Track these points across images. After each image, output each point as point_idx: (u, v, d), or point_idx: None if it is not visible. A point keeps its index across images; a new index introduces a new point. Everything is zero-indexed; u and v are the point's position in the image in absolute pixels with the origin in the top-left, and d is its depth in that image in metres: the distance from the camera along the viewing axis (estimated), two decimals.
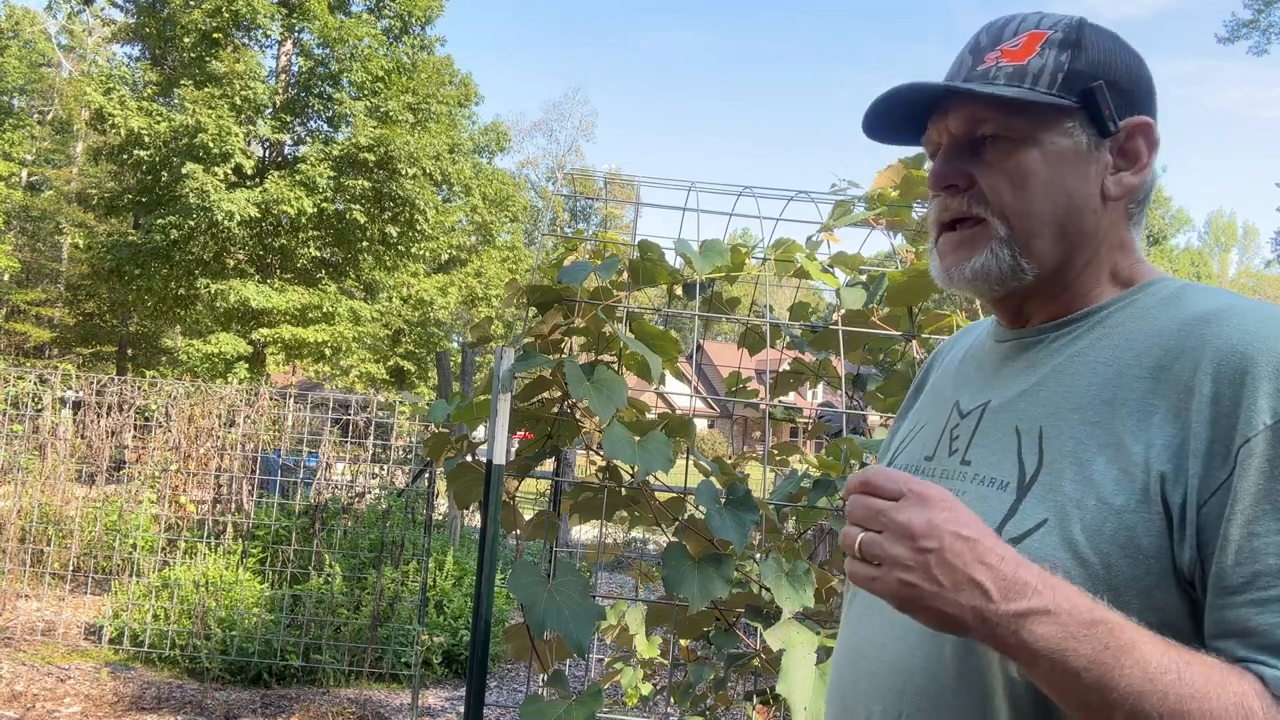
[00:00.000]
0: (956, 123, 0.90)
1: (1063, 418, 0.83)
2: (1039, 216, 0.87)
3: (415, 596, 5.53)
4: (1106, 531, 0.76)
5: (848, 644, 0.97)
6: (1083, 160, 0.88)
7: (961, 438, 0.93)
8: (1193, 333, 0.79)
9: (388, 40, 17.74)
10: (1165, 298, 0.87)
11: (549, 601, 1.99)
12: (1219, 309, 0.80)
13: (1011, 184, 0.87)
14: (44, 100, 28.71)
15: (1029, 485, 0.82)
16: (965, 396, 0.97)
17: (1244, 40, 21.58)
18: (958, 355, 1.08)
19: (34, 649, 5.43)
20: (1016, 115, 0.87)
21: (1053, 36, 0.88)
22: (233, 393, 6.95)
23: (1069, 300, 0.91)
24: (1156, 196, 28.58)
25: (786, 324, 2.79)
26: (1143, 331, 0.84)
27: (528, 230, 31.32)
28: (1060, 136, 0.87)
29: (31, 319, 25.40)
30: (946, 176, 0.90)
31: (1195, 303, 0.84)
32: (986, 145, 0.89)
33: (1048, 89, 0.86)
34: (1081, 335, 0.89)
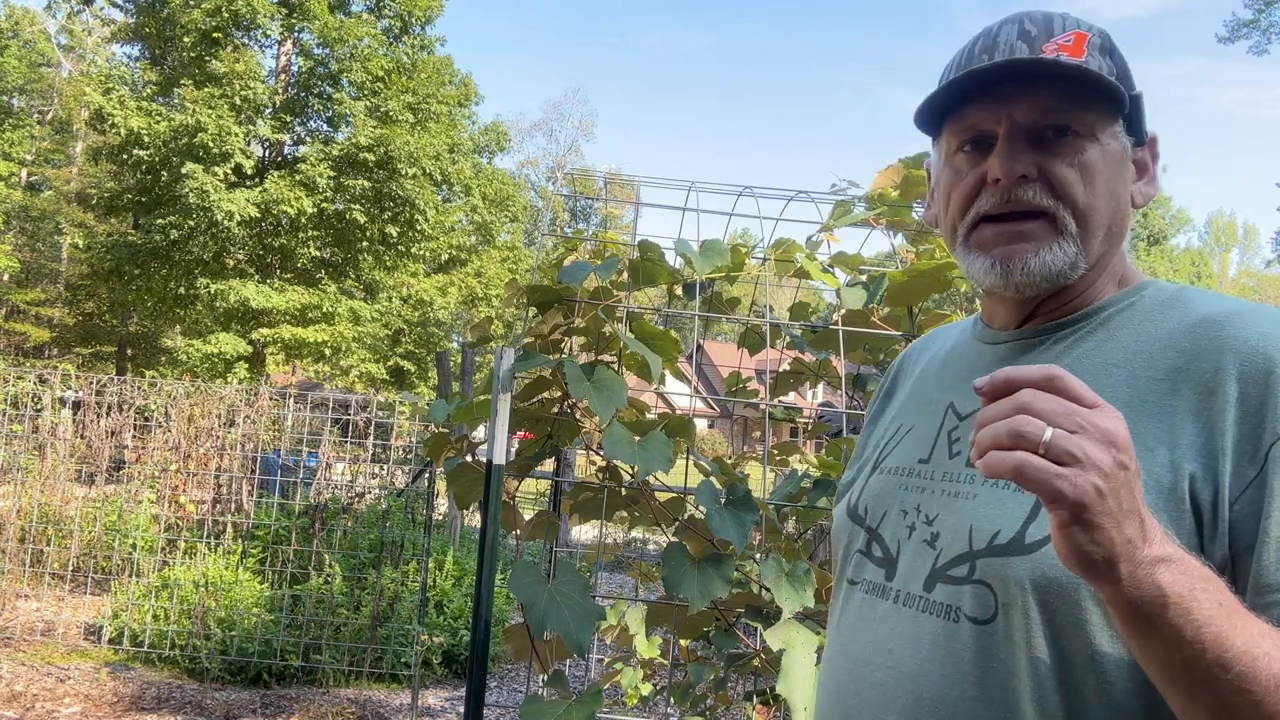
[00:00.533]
0: (1025, 110, 0.85)
1: None
2: (1099, 215, 0.87)
3: (415, 596, 5.53)
4: None
5: (844, 653, 0.94)
6: (1124, 165, 0.89)
7: (965, 439, 0.91)
8: (1206, 334, 0.80)
9: (388, 40, 17.74)
10: (1165, 300, 0.87)
11: (549, 601, 1.98)
12: (1228, 312, 0.81)
13: (1081, 179, 0.86)
14: (44, 100, 28.70)
15: None
16: (961, 398, 0.95)
17: (1244, 40, 21.59)
18: (937, 358, 1.06)
19: (34, 649, 5.43)
20: (1086, 110, 0.85)
21: (1093, 40, 0.87)
22: (232, 393, 6.95)
23: (1081, 299, 0.91)
24: (1157, 196, 29.12)
25: (786, 324, 2.79)
26: (1151, 334, 0.84)
27: (528, 230, 31.32)
28: (1112, 139, 0.87)
29: (31, 319, 25.40)
30: (1020, 166, 0.85)
31: (1200, 305, 0.84)
32: (1058, 136, 0.86)
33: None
34: (1085, 336, 0.88)
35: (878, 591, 0.92)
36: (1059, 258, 0.86)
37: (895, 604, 0.89)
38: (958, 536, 0.85)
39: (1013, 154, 0.86)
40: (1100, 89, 0.84)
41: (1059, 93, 0.85)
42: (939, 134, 0.95)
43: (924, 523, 0.90)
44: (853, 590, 0.96)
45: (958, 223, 0.92)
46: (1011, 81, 0.85)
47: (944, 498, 0.89)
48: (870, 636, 0.91)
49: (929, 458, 0.94)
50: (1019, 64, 0.84)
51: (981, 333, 1.00)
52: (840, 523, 1.03)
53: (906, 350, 1.16)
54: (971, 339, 1.01)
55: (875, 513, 0.97)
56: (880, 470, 1.00)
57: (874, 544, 0.95)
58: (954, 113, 0.90)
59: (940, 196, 0.95)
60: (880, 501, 0.97)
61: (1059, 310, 0.91)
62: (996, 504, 0.83)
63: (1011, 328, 0.95)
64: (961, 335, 1.05)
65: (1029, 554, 0.79)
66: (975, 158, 0.89)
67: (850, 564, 0.98)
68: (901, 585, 0.89)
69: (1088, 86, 0.84)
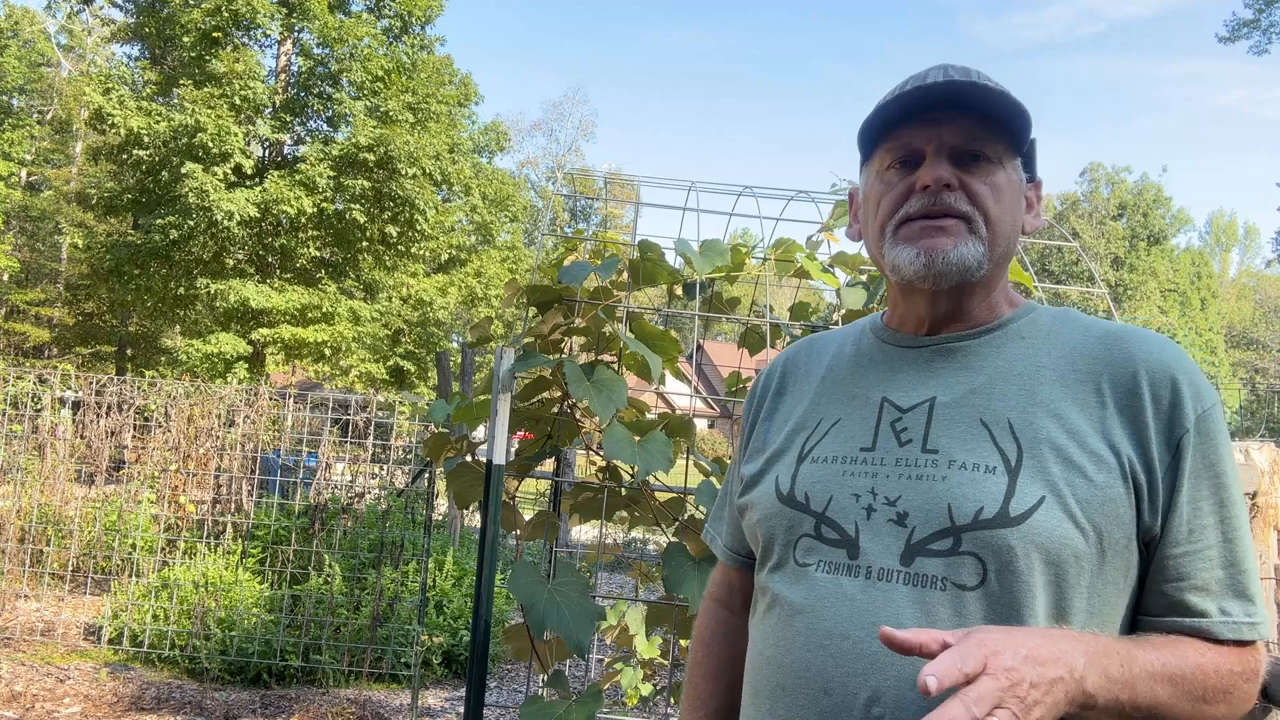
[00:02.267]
0: (954, 134, 1.02)
1: (1029, 411, 0.97)
2: (1003, 227, 1.03)
3: (415, 597, 5.53)
4: (1096, 504, 0.92)
5: (812, 629, 0.98)
6: (1021, 194, 1.07)
7: (913, 429, 1.01)
8: (1115, 347, 0.99)
9: (387, 40, 17.73)
10: (1058, 318, 1.06)
11: (549, 602, 1.98)
12: (1124, 330, 1.02)
13: (992, 194, 1.02)
14: (43, 100, 28.69)
15: (1018, 468, 0.94)
16: (895, 394, 1.05)
17: (1245, 40, 21.58)
18: (841, 359, 1.15)
19: (33, 649, 5.43)
20: (998, 141, 1.03)
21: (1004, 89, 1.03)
22: (232, 393, 6.95)
23: (986, 312, 1.06)
24: (1157, 196, 28.58)
25: (786, 324, 2.79)
26: (1063, 344, 1.02)
27: (528, 230, 31.31)
28: (1013, 171, 1.05)
29: (31, 319, 25.40)
30: (945, 176, 1.01)
31: (1093, 324, 1.04)
32: (976, 159, 1.02)
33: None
34: (1004, 344, 1.04)
35: (842, 570, 0.98)
36: (972, 253, 1.01)
37: (868, 579, 0.96)
38: (934, 514, 0.95)
39: (941, 167, 1.02)
40: (1009, 127, 1.02)
41: (978, 123, 1.02)
42: (870, 156, 1.09)
43: (885, 504, 0.98)
44: (804, 571, 1.01)
45: (886, 223, 1.05)
46: (941, 109, 1.01)
47: (905, 480, 0.98)
48: (844, 611, 0.96)
49: (873, 446, 1.03)
50: (959, 85, 1.00)
51: (892, 336, 1.11)
52: (770, 510, 1.08)
53: (789, 354, 1.25)
54: (879, 341, 1.13)
55: (818, 498, 1.03)
56: (812, 460, 1.07)
57: (824, 527, 1.02)
58: (889, 135, 1.05)
59: (869, 206, 1.09)
60: (824, 488, 1.03)
61: (969, 320, 1.06)
62: (972, 484, 0.95)
63: (922, 333, 1.08)
64: (860, 339, 1.16)
65: (1015, 525, 0.91)
66: (905, 172, 1.04)
67: (795, 548, 1.04)
68: (872, 562, 0.97)
69: (1002, 121, 1.01)
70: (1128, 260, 38.72)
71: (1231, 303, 49.71)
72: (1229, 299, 49.86)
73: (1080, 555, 0.91)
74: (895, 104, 1.03)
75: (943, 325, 1.07)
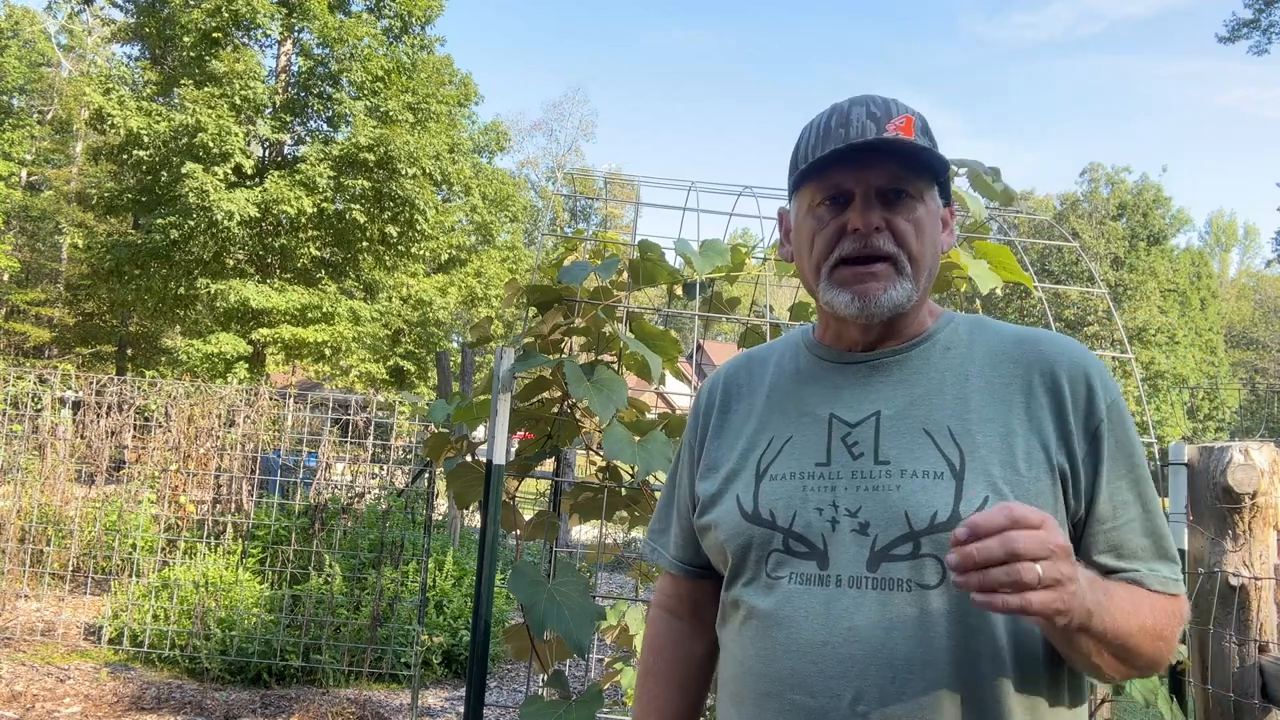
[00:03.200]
0: (880, 176, 1.08)
1: (964, 419, 1.06)
2: (925, 259, 1.11)
3: (415, 596, 5.53)
4: (1032, 495, 1.00)
5: (793, 639, 1.04)
6: (939, 221, 1.14)
7: (863, 443, 1.08)
8: (1031, 349, 1.09)
9: (388, 40, 17.73)
10: (973, 325, 1.15)
11: (549, 602, 1.98)
12: (1035, 333, 1.12)
13: (915, 232, 1.09)
14: (44, 100, 28.69)
15: (962, 472, 1.02)
16: (842, 409, 1.12)
17: (1244, 40, 21.58)
18: (783, 376, 1.21)
19: (34, 649, 5.43)
20: (919, 179, 1.10)
21: (917, 123, 1.10)
22: (232, 393, 6.95)
23: (914, 327, 1.14)
24: (1157, 196, 28.46)
25: (786, 324, 2.79)
26: (983, 349, 1.12)
27: (528, 230, 31.30)
28: (932, 200, 1.12)
29: (31, 319, 25.40)
30: (874, 220, 1.08)
31: (1004, 328, 1.14)
32: (898, 199, 1.09)
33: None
34: (931, 355, 1.12)
35: (814, 580, 1.05)
36: (900, 293, 1.09)
37: (839, 587, 1.03)
38: (892, 521, 1.02)
39: (869, 209, 1.08)
40: (928, 164, 1.09)
41: (901, 164, 1.08)
42: (800, 187, 1.15)
43: (847, 515, 1.05)
44: (776, 584, 1.07)
45: (821, 263, 1.12)
46: (867, 153, 1.07)
47: (862, 492, 1.05)
48: (821, 619, 1.03)
49: (828, 460, 1.09)
50: (881, 141, 1.06)
51: (828, 353, 1.18)
52: (736, 529, 1.13)
53: (727, 371, 1.30)
54: (815, 359, 1.19)
55: (784, 514, 1.09)
56: (771, 478, 1.12)
57: (792, 541, 1.08)
58: (819, 173, 1.11)
59: (802, 239, 1.15)
60: (787, 504, 1.09)
61: (901, 335, 1.14)
62: (924, 490, 1.02)
63: (859, 349, 1.15)
64: (797, 355, 1.22)
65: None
66: (835, 210, 1.10)
67: (767, 563, 1.09)
68: (842, 570, 1.03)
69: (920, 161, 1.08)
70: (1127, 260, 38.69)
71: (1231, 303, 49.67)
72: (1229, 299, 49.83)
73: None
74: (829, 156, 1.08)
75: (878, 343, 1.14)
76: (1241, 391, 38.81)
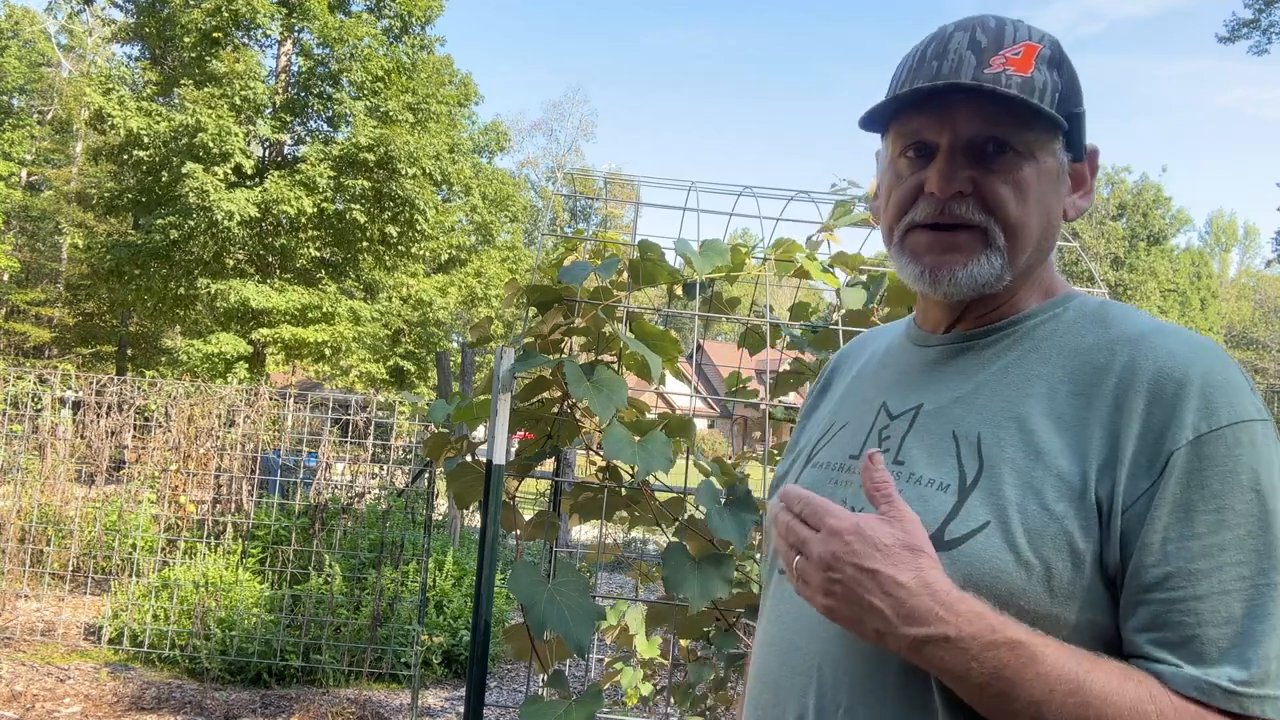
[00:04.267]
0: (968, 123, 0.88)
1: (1001, 427, 0.87)
2: (1030, 231, 0.90)
3: (415, 596, 5.53)
4: (1048, 535, 0.80)
5: (776, 640, 0.98)
6: (1059, 181, 0.92)
7: (893, 438, 0.95)
8: (1122, 352, 0.85)
9: (388, 40, 17.72)
10: (1089, 315, 0.92)
11: (549, 602, 1.98)
12: (1145, 331, 0.86)
13: (1015, 196, 0.88)
14: (44, 100, 28.67)
15: (970, 488, 0.85)
16: (894, 399, 0.99)
17: (1245, 40, 21.57)
18: (874, 358, 1.09)
19: (34, 649, 5.43)
20: (1026, 128, 0.87)
21: (1043, 52, 0.88)
22: (232, 393, 6.95)
23: (1006, 308, 0.95)
24: (1157, 196, 28.53)
25: (786, 324, 2.79)
26: (1072, 348, 0.89)
27: (528, 230, 31.30)
28: (1049, 156, 0.90)
29: (31, 319, 25.38)
30: (957, 181, 0.89)
31: (1119, 323, 0.89)
32: (998, 152, 0.88)
33: (1050, 107, 0.87)
34: (1011, 346, 0.93)
35: None
36: (985, 270, 0.89)
37: None
38: None
39: (951, 170, 0.89)
40: (1040, 109, 0.86)
41: (1003, 107, 0.86)
42: (886, 132, 0.97)
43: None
44: (783, 580, 0.98)
45: (894, 225, 0.95)
46: (958, 91, 0.87)
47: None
48: (798, 622, 0.94)
49: (859, 453, 0.98)
50: (959, 87, 0.86)
51: (914, 334, 1.04)
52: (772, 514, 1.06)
53: (845, 348, 1.20)
54: (905, 340, 1.05)
55: None
56: (813, 464, 1.04)
57: None
58: (900, 116, 0.93)
59: (883, 195, 0.98)
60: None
61: (986, 317, 0.95)
62: (920, 501, 0.86)
63: (940, 330, 0.99)
64: (897, 336, 1.08)
65: (947, 550, 0.82)
66: (917, 164, 0.92)
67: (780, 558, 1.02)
68: None
69: (1028, 105, 0.86)
70: (1128, 260, 38.71)
71: (1231, 303, 49.68)
72: (1229, 299, 49.84)
73: (1018, 592, 0.79)
74: (894, 103, 0.91)
75: (958, 323, 0.98)
76: None
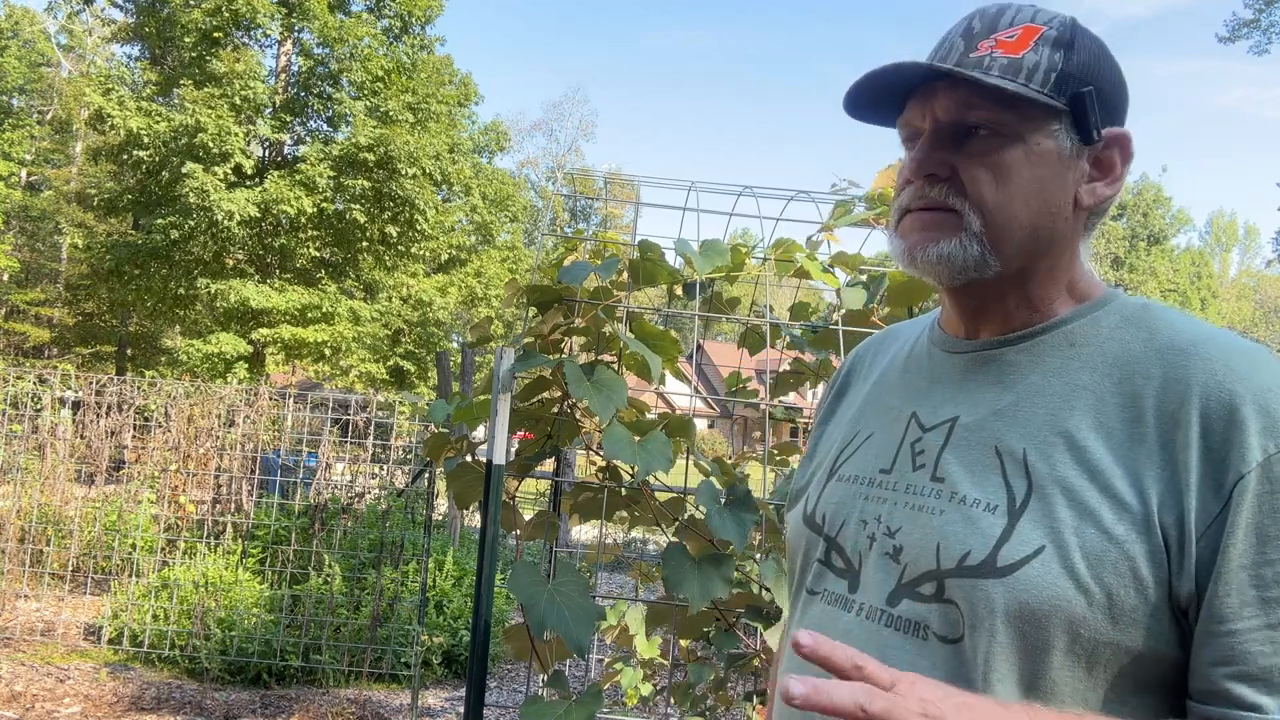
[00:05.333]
0: (944, 107, 0.87)
1: (1048, 442, 0.82)
2: (1013, 214, 0.86)
3: (415, 597, 5.53)
4: (1109, 561, 0.76)
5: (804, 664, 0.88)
6: (1063, 165, 0.87)
7: (928, 453, 0.90)
8: (1173, 363, 0.80)
9: (388, 40, 17.73)
10: (1130, 318, 0.87)
11: (549, 602, 1.98)
12: (1194, 340, 0.81)
13: (994, 179, 0.86)
14: (44, 100, 28.68)
15: (1021, 510, 0.80)
16: (925, 409, 0.94)
17: (1245, 40, 21.57)
18: (896, 361, 1.04)
19: (33, 649, 5.43)
20: (1007, 109, 0.85)
21: (1047, 33, 0.86)
22: (232, 393, 6.95)
23: (1029, 310, 0.90)
24: (1157, 196, 28.54)
25: (786, 324, 2.78)
26: (1116, 355, 0.84)
27: (528, 230, 31.30)
28: (1045, 138, 0.86)
29: (31, 319, 25.39)
30: (928, 165, 0.88)
31: (1165, 329, 0.84)
32: (972, 135, 0.86)
33: (1040, 87, 0.84)
34: (1048, 353, 0.88)
35: (840, 603, 0.91)
36: (958, 252, 0.86)
37: (859, 617, 0.88)
38: (924, 552, 0.84)
39: (926, 153, 0.88)
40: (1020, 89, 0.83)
41: (978, 90, 0.84)
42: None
43: (885, 534, 0.89)
44: (813, 600, 0.95)
45: (894, 214, 0.94)
46: (939, 79, 0.87)
47: (908, 510, 0.88)
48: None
49: (891, 468, 0.93)
50: (913, 67, 0.86)
51: (940, 338, 0.99)
52: (796, 530, 1.02)
53: (860, 348, 1.15)
54: (929, 344, 1.00)
55: (834, 522, 0.95)
56: (838, 478, 0.99)
57: (834, 553, 0.94)
58: (905, 108, 0.92)
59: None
60: (839, 510, 0.95)
61: (1012, 321, 0.91)
62: (967, 523, 0.82)
63: (963, 335, 0.95)
64: (919, 337, 1.03)
65: (1002, 577, 0.78)
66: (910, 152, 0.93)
67: (810, 573, 0.97)
68: (864, 598, 0.88)
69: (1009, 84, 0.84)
70: (1128, 260, 38.71)
71: (1231, 303, 49.70)
72: (1229, 299, 49.86)
73: (1078, 620, 0.76)
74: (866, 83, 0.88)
75: (980, 327, 0.93)
76: None
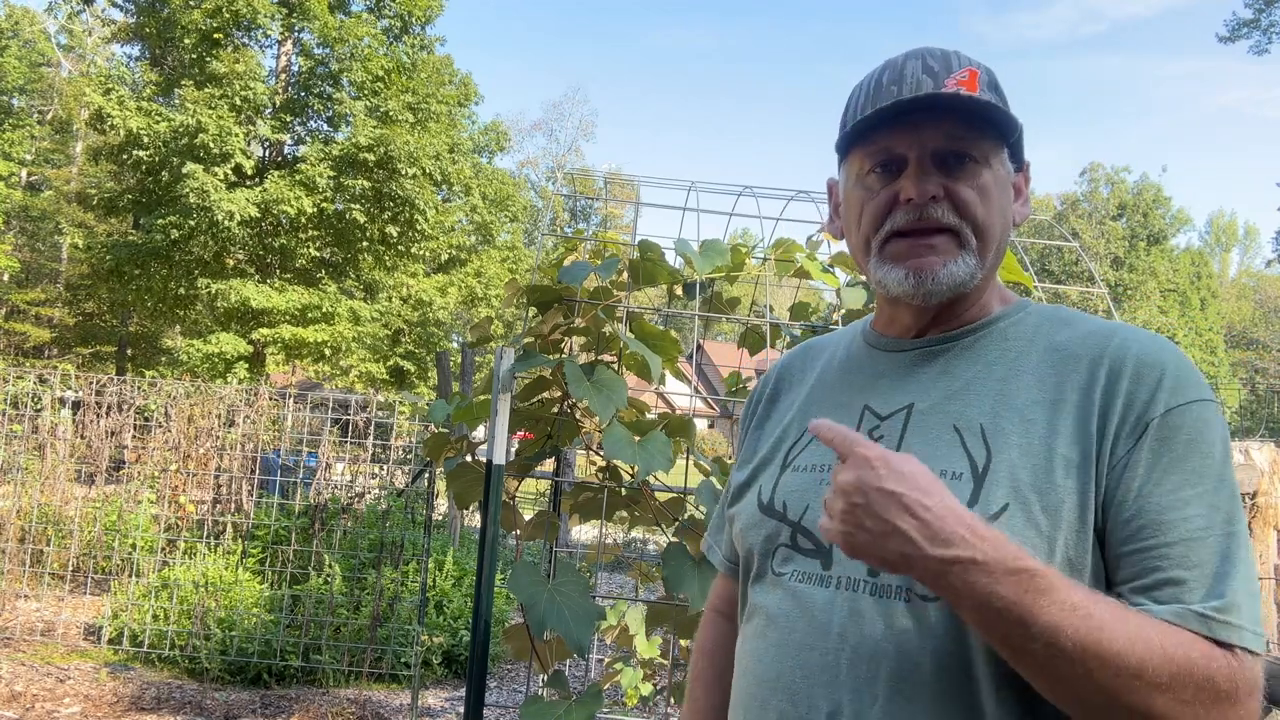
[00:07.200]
0: (936, 137, 0.96)
1: (1000, 416, 0.93)
2: (995, 231, 0.99)
3: (415, 597, 5.53)
4: (1064, 513, 0.87)
5: (784, 642, 0.98)
6: (1009, 188, 1.02)
7: (889, 438, 0.99)
8: (1100, 345, 0.94)
9: (388, 40, 17.73)
10: (1049, 317, 1.01)
11: (549, 602, 1.98)
12: (1114, 327, 0.97)
13: (980, 200, 0.97)
14: (44, 100, 28.68)
15: (984, 474, 0.90)
16: (876, 400, 1.03)
17: (1245, 40, 21.59)
18: (831, 365, 1.14)
19: (33, 649, 5.43)
20: (983, 140, 0.97)
21: (982, 77, 0.98)
22: (232, 393, 6.95)
23: (977, 311, 1.03)
24: (1156, 196, 28.45)
25: (786, 324, 2.79)
26: (1046, 343, 0.97)
27: (528, 230, 31.29)
28: (1001, 166, 1.00)
29: (31, 319, 25.38)
30: (932, 187, 0.96)
31: (1084, 322, 0.99)
32: (961, 161, 0.97)
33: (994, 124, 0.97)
34: (988, 345, 1.00)
35: (814, 580, 0.98)
36: (962, 269, 0.98)
37: (838, 590, 0.95)
38: None
39: (924, 177, 0.97)
40: (994, 121, 0.96)
41: (962, 123, 0.96)
42: (847, 155, 1.04)
43: None
44: (780, 581, 1.01)
45: (871, 237, 1.01)
46: (920, 111, 0.96)
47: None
48: (812, 622, 0.96)
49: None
50: (936, 97, 0.95)
51: (879, 340, 1.09)
52: (751, 520, 1.08)
53: (786, 358, 1.24)
54: (866, 346, 1.10)
55: (795, 508, 1.02)
56: (793, 469, 1.06)
57: (799, 537, 1.01)
58: (865, 138, 1.00)
59: (851, 213, 1.04)
60: (801, 497, 1.03)
61: (956, 321, 1.03)
62: None
63: (910, 335, 1.05)
64: (851, 344, 1.14)
65: None
66: (886, 178, 0.99)
67: (774, 558, 1.03)
68: (842, 572, 0.96)
69: (985, 118, 0.96)
70: (1127, 260, 38.72)
71: (1231, 303, 49.69)
72: (1229, 299, 49.84)
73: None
74: (875, 117, 0.97)
75: (930, 328, 1.04)
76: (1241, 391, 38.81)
